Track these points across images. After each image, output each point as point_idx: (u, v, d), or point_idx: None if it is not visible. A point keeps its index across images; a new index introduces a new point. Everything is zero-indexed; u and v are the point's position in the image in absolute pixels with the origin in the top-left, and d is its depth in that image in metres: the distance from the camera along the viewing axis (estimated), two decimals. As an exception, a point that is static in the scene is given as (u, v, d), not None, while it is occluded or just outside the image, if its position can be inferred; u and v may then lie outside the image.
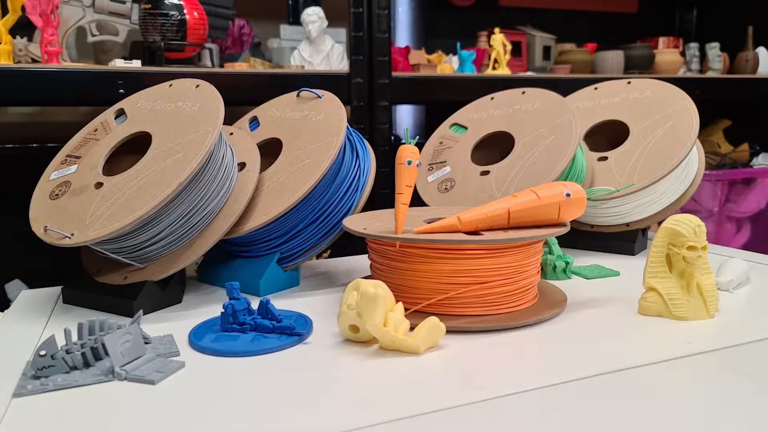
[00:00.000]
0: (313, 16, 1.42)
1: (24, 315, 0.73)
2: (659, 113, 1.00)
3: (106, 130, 0.81)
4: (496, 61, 1.64)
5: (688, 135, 0.95)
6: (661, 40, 2.02)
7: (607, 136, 1.08)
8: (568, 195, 0.68)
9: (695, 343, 0.60)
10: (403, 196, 0.65)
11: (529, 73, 1.66)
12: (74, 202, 0.72)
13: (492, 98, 1.06)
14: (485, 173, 0.94)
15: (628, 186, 0.93)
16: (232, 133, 0.86)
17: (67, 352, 0.54)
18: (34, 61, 1.31)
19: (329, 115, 0.83)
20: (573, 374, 0.53)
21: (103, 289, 0.74)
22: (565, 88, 1.28)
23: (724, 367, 0.55)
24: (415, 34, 2.16)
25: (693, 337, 0.62)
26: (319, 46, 1.46)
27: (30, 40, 1.35)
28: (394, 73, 1.45)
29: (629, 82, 1.08)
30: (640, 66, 1.84)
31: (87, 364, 0.55)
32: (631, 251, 0.98)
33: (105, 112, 0.85)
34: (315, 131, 0.82)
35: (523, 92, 1.03)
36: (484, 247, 0.64)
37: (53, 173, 0.79)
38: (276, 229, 0.79)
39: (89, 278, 0.76)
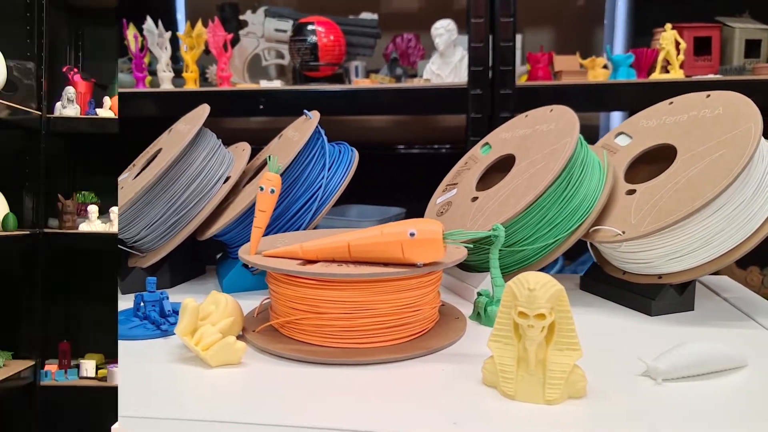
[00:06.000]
0: (441, 29, 1.44)
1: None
2: (715, 138, 0.76)
3: (155, 144, 1.03)
4: (668, 62, 1.38)
5: (729, 171, 0.71)
6: None
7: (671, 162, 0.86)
8: (412, 234, 0.62)
9: (460, 426, 0.50)
10: (257, 219, 0.69)
11: (710, 76, 1.35)
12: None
13: (526, 116, 0.95)
14: (474, 199, 0.87)
15: (476, 234, 0.75)
16: (244, 150, 0.99)
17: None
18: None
19: (302, 135, 0.90)
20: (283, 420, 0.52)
21: (129, 270, 0.95)
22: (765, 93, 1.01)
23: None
24: (629, 29, 1.93)
25: (467, 421, 0.51)
26: (448, 58, 1.46)
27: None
28: (518, 83, 1.37)
29: (708, 95, 0.84)
30: None
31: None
32: (647, 310, 0.78)
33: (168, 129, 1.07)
34: (283, 152, 0.89)
35: (551, 110, 0.90)
36: (317, 279, 0.64)
37: (124, 174, 1.04)
38: (237, 237, 0.89)
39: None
